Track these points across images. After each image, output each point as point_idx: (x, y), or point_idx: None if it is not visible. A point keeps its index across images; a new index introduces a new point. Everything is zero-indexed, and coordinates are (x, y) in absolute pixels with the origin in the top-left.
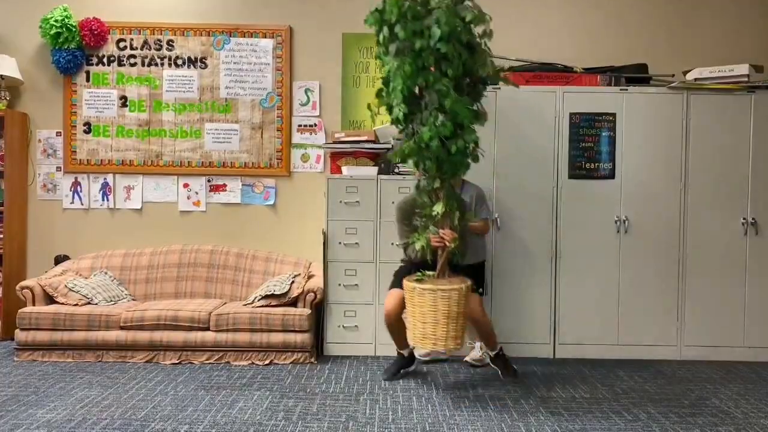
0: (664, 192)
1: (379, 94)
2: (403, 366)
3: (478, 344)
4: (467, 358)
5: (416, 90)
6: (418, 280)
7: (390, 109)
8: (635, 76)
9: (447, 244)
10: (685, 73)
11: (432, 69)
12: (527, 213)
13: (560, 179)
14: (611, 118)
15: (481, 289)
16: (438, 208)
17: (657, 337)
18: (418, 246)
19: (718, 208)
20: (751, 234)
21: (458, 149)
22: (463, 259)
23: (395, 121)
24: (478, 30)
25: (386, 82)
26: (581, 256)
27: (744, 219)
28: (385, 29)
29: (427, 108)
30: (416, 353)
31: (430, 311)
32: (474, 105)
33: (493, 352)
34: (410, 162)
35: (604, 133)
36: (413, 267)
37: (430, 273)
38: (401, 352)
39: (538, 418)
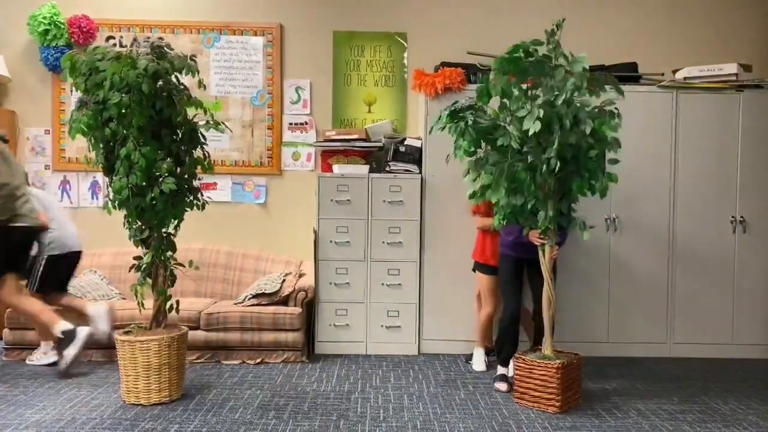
0: (654, 190)
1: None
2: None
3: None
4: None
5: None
6: (127, 332)
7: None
8: (625, 75)
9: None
10: (674, 72)
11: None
12: None
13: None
14: None
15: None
16: (147, 258)
17: (647, 334)
18: (139, 298)
19: (707, 206)
20: (740, 232)
21: (154, 198)
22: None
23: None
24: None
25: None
26: (571, 254)
27: (732, 217)
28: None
29: (119, 158)
30: None
31: (130, 364)
32: (174, 151)
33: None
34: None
35: None
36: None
37: (143, 324)
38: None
39: (529, 416)
